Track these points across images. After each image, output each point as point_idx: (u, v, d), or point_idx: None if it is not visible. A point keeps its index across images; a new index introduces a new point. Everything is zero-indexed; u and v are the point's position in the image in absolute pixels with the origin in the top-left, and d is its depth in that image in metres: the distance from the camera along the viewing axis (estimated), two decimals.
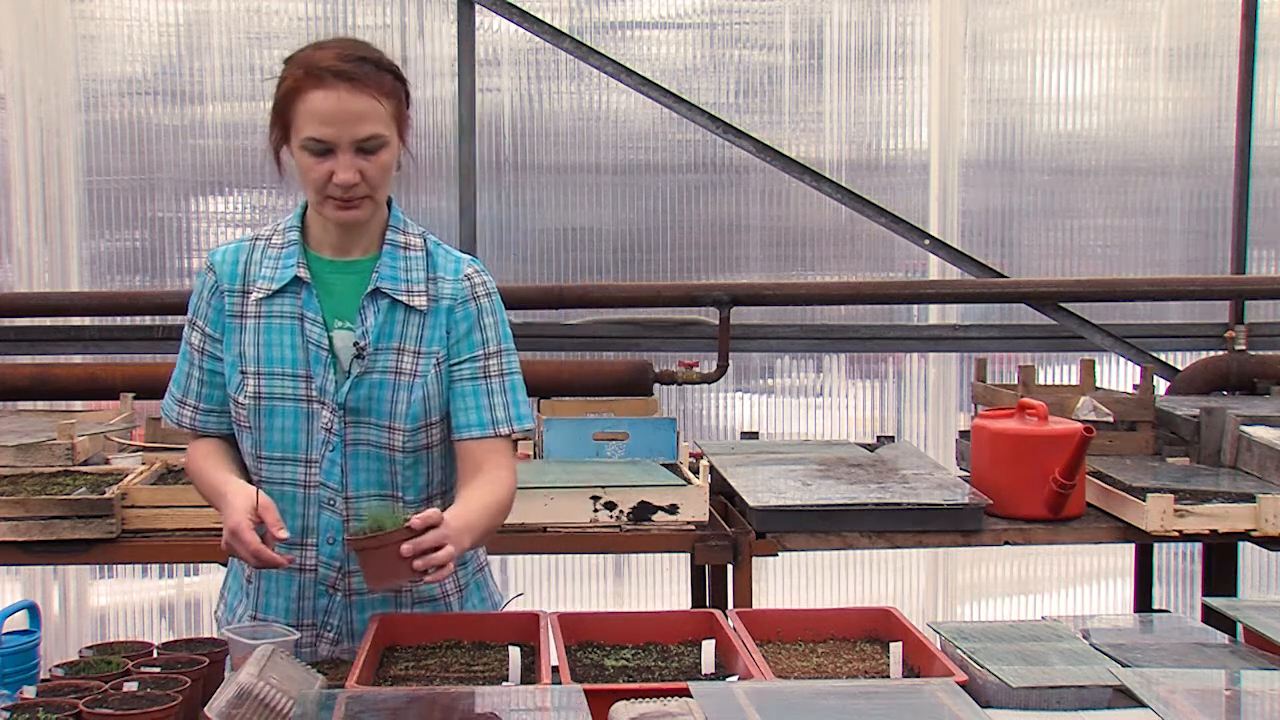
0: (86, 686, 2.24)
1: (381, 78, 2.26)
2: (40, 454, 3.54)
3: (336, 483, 2.35)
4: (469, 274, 2.39)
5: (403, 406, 2.34)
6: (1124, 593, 4.89)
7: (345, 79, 2.22)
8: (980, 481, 3.47)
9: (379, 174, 2.28)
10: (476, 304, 2.38)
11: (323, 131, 2.23)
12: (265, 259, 2.37)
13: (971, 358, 4.59)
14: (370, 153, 2.25)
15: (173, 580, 4.87)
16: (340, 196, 2.26)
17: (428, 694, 1.97)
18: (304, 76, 2.25)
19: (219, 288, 2.38)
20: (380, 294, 2.34)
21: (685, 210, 4.87)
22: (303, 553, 2.38)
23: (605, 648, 2.32)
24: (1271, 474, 3.53)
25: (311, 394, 2.33)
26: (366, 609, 2.41)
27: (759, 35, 4.87)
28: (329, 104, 2.22)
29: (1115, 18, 4.95)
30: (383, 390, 2.33)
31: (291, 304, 2.34)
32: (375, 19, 4.72)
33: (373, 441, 2.35)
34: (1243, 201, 4.88)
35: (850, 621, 2.38)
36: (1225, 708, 2.04)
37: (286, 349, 2.33)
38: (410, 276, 2.36)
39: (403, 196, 4.74)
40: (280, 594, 2.43)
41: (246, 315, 2.36)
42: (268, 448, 2.36)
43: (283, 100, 2.28)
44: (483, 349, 2.38)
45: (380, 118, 2.25)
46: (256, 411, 2.34)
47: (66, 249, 4.73)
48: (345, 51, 2.26)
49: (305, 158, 2.26)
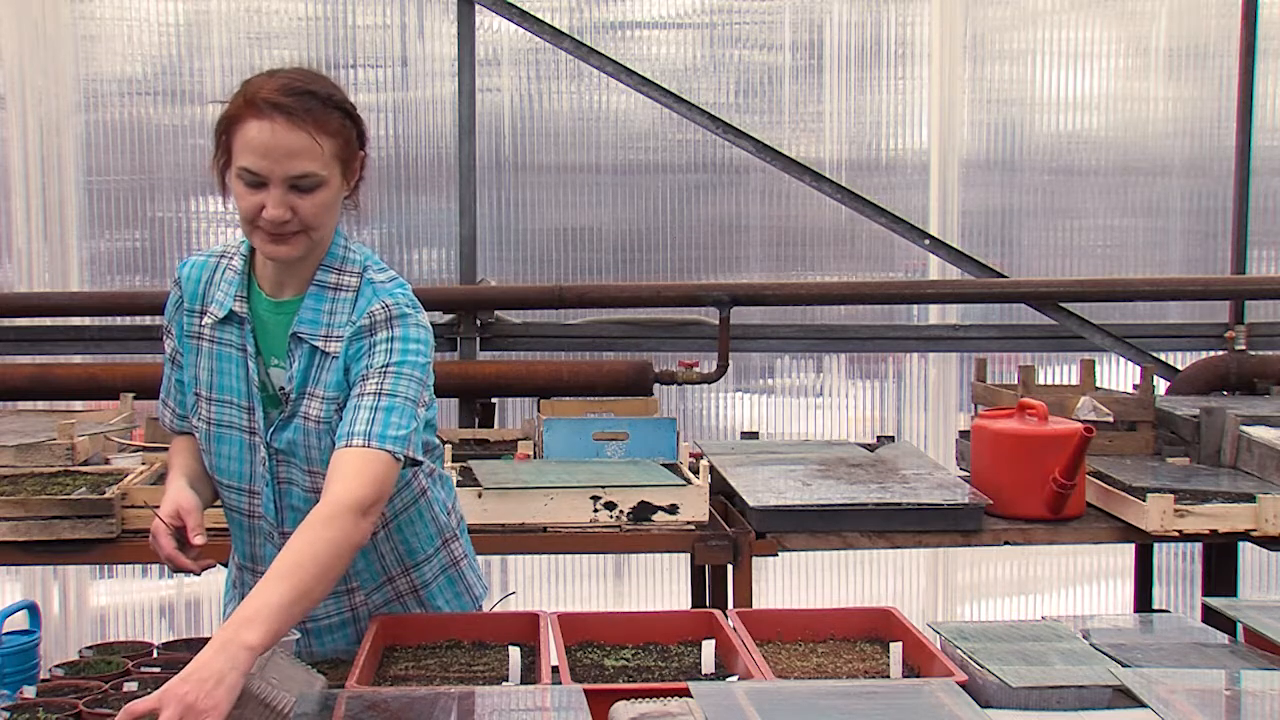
0: (86, 686, 2.24)
1: (326, 115, 2.17)
2: (40, 454, 3.54)
3: (273, 518, 2.36)
4: (373, 309, 2.25)
5: (316, 453, 2.28)
6: (1124, 593, 4.89)
7: (283, 112, 2.14)
8: (980, 481, 3.47)
9: (313, 212, 2.18)
10: (372, 335, 2.24)
11: (256, 164, 2.15)
12: (222, 281, 2.33)
13: (971, 358, 4.59)
14: (305, 190, 2.17)
15: (173, 580, 4.86)
16: (269, 230, 2.18)
17: (428, 694, 1.97)
18: (244, 105, 2.17)
19: (182, 304, 2.37)
20: (300, 339, 2.27)
21: (685, 210, 4.87)
22: (255, 578, 2.32)
23: (605, 648, 2.32)
24: (1271, 474, 3.52)
25: (254, 425, 2.31)
26: (325, 634, 2.43)
27: (759, 35, 4.86)
28: (263, 136, 2.14)
29: (1115, 18, 4.95)
30: (298, 435, 2.29)
31: (236, 334, 2.31)
32: (375, 19, 4.72)
33: (299, 483, 2.33)
34: (1243, 201, 4.88)
35: (850, 621, 2.38)
36: (1225, 708, 2.04)
37: (234, 379, 2.31)
38: (333, 320, 2.26)
39: (403, 196, 4.77)
40: None
41: (202, 338, 2.34)
42: (219, 473, 2.38)
43: (223, 125, 2.20)
44: (364, 372, 2.23)
45: (316, 156, 2.15)
46: (208, 436, 2.35)
47: (66, 249, 4.72)
48: (291, 84, 2.17)
49: (239, 187, 2.19)
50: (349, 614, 2.44)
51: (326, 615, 2.43)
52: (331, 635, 2.45)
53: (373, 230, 4.75)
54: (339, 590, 2.38)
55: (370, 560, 2.42)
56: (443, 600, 2.50)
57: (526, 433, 4.11)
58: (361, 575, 2.42)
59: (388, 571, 2.44)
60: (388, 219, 4.76)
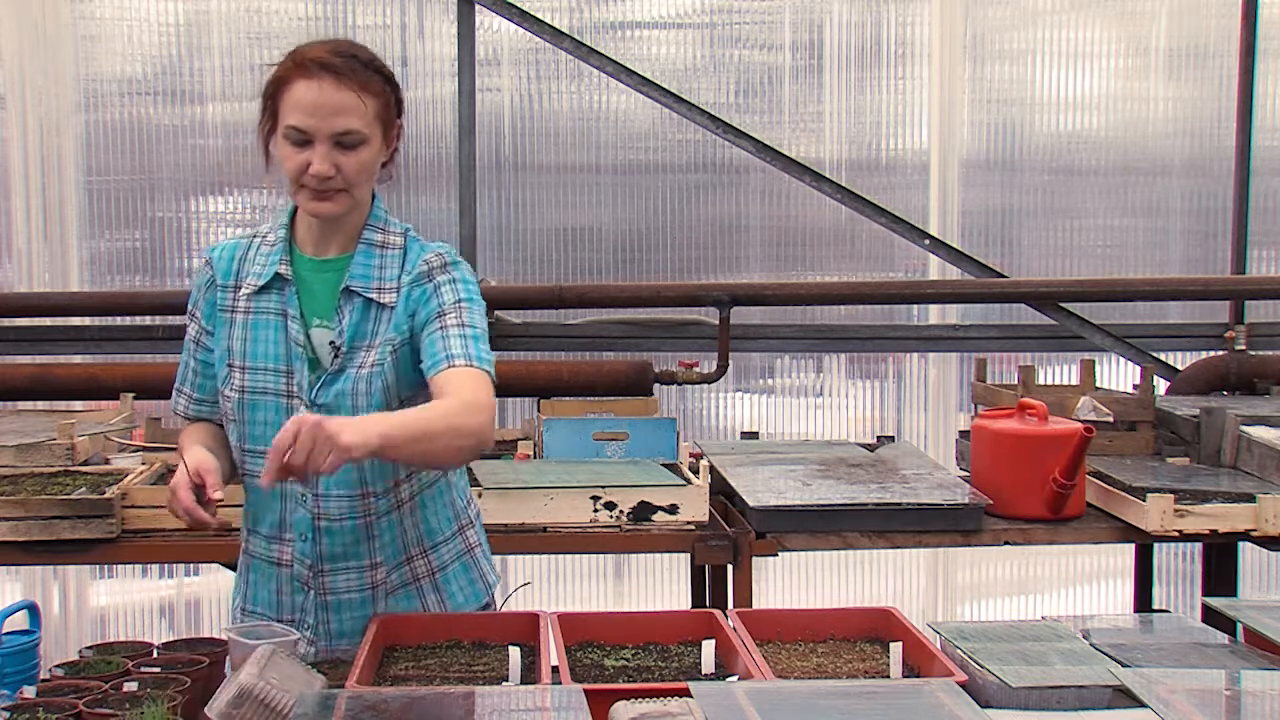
0: (86, 686, 2.24)
1: (369, 76, 2.30)
2: (40, 454, 3.54)
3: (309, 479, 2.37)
4: (427, 258, 2.40)
5: (364, 399, 2.35)
6: (1124, 593, 4.89)
7: (330, 72, 2.26)
8: (980, 481, 3.47)
9: (356, 170, 2.30)
10: (432, 281, 2.38)
11: (303, 121, 2.26)
12: (258, 255, 2.41)
13: (971, 358, 4.59)
14: (348, 148, 2.28)
15: (173, 580, 4.87)
16: (314, 187, 2.29)
17: (428, 694, 1.97)
18: (292, 66, 2.29)
19: (214, 282, 2.44)
20: (353, 293, 2.36)
21: (685, 210, 4.87)
22: (280, 547, 2.44)
23: (605, 648, 2.32)
24: (1271, 474, 3.52)
25: (292, 389, 2.37)
26: (343, 609, 2.45)
27: (759, 35, 4.86)
28: (311, 94, 2.26)
29: (1115, 18, 4.95)
30: (348, 385, 2.35)
31: (276, 301, 2.39)
32: (375, 19, 4.72)
33: None
34: (1243, 201, 4.88)
35: (850, 621, 2.38)
36: (1225, 708, 2.04)
37: (271, 344, 2.37)
38: (383, 274, 2.38)
39: (403, 196, 4.77)
40: (265, 586, 2.48)
41: (236, 310, 2.41)
42: (250, 441, 2.40)
43: (270, 89, 2.31)
44: (439, 309, 2.36)
45: (361, 114, 2.28)
46: (241, 405, 2.39)
47: (66, 249, 4.73)
48: (337, 48, 2.31)
49: (285, 147, 2.30)
50: (369, 591, 2.45)
51: (348, 589, 2.44)
52: (350, 611, 2.45)
53: None
54: (361, 564, 2.43)
55: (395, 534, 2.46)
56: (457, 586, 2.52)
57: (526, 433, 4.12)
58: (385, 550, 2.45)
59: (408, 550, 2.47)
60: None
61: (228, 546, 3.24)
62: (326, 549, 2.42)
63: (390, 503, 2.43)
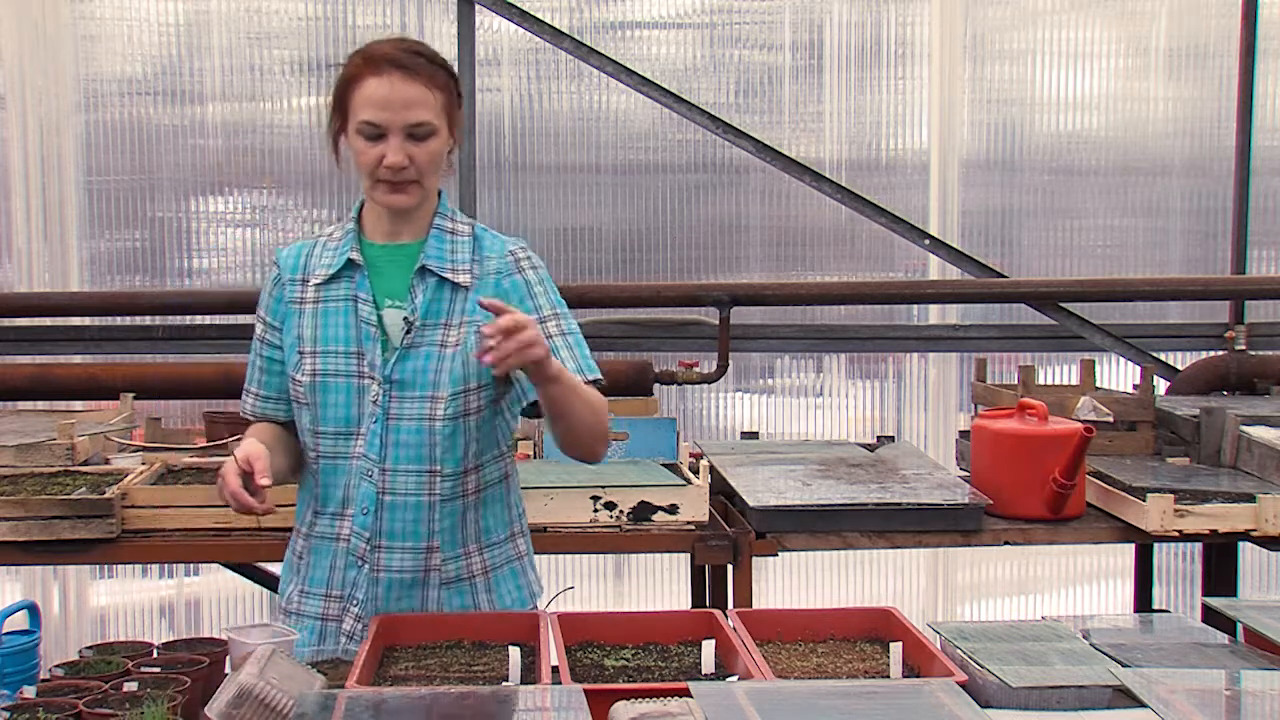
0: (86, 686, 2.24)
1: (434, 71, 2.41)
2: (40, 454, 3.54)
3: (376, 454, 2.44)
4: (513, 250, 2.52)
5: (445, 376, 2.43)
6: (1124, 593, 4.89)
7: (399, 67, 2.37)
8: (980, 481, 3.47)
9: (428, 160, 2.41)
10: (523, 275, 2.50)
11: (376, 116, 2.37)
12: (325, 251, 2.52)
13: (971, 358, 4.59)
14: (420, 139, 2.39)
15: (173, 580, 4.87)
16: (389, 180, 2.40)
17: (428, 694, 1.97)
18: (362, 64, 2.40)
19: (281, 279, 2.53)
20: (428, 272, 2.46)
21: (685, 210, 4.87)
22: (341, 523, 2.48)
23: (605, 648, 2.32)
24: (1271, 474, 3.52)
25: (363, 370, 2.44)
26: (394, 589, 2.47)
27: (759, 35, 4.87)
28: (383, 90, 2.36)
29: (1115, 18, 4.95)
30: (427, 362, 2.43)
31: (346, 287, 2.47)
32: (375, 19, 4.72)
33: (415, 414, 2.43)
34: (1243, 201, 4.88)
35: (850, 621, 2.38)
36: (1225, 708, 2.04)
37: (340, 329, 2.46)
38: (456, 257, 2.48)
39: None
40: (320, 565, 2.51)
41: (305, 301, 2.50)
42: (323, 423, 2.47)
43: (341, 88, 2.42)
44: (538, 314, 2.46)
45: (430, 106, 2.39)
46: (313, 388, 2.46)
47: (66, 249, 4.73)
48: (403, 44, 2.43)
49: (359, 142, 2.40)
50: (423, 574, 2.48)
51: (401, 568, 2.47)
52: (400, 591, 2.48)
53: None
54: (419, 545, 2.47)
55: (455, 523, 2.50)
56: (507, 589, 2.56)
57: (526, 433, 4.11)
58: (444, 535, 2.49)
59: (466, 544, 2.52)
60: None
61: (228, 546, 3.25)
62: (386, 525, 2.46)
63: (456, 489, 2.48)
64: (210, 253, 4.78)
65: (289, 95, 4.74)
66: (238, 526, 3.21)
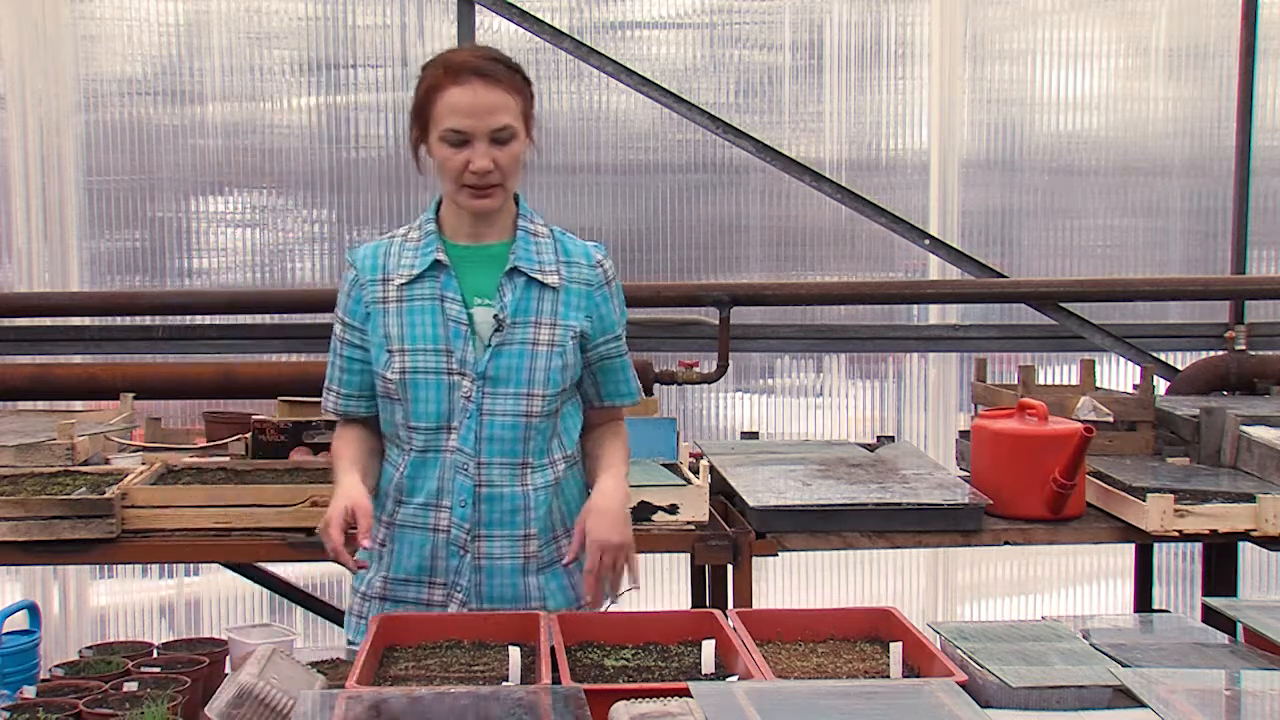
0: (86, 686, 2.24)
1: (512, 76, 2.50)
2: (40, 454, 3.54)
3: (470, 448, 2.52)
4: (600, 260, 2.62)
5: (541, 374, 2.53)
6: (1124, 593, 4.89)
7: (481, 75, 2.45)
8: (980, 481, 3.47)
9: (510, 163, 2.49)
10: (610, 287, 2.63)
11: (461, 123, 2.44)
12: (404, 251, 2.57)
13: (971, 358, 4.59)
14: (503, 143, 2.47)
15: (173, 580, 4.87)
16: (475, 184, 2.48)
17: (428, 694, 1.97)
18: (444, 75, 2.47)
19: (359, 280, 2.58)
20: (518, 272, 2.54)
21: (685, 210, 4.87)
22: (437, 514, 2.54)
23: (605, 648, 2.32)
24: (1271, 474, 3.52)
25: (452, 367, 2.51)
26: (495, 574, 2.56)
27: (759, 35, 4.87)
28: (467, 98, 2.44)
29: (1115, 18, 4.95)
30: (521, 360, 2.52)
31: (431, 287, 2.53)
32: (375, 19, 4.72)
33: (508, 410, 2.52)
34: (1243, 201, 4.88)
35: (850, 621, 2.38)
36: (1225, 708, 2.04)
37: (428, 327, 2.52)
38: (543, 258, 2.57)
39: (403, 196, 4.77)
40: (414, 554, 2.57)
41: (389, 300, 2.55)
42: (414, 418, 2.53)
43: (423, 98, 2.49)
44: (620, 328, 2.65)
45: (512, 111, 2.47)
46: (403, 385, 2.52)
47: (66, 249, 4.73)
48: (481, 52, 2.52)
49: (444, 149, 2.47)
50: (521, 560, 2.56)
51: (501, 555, 2.55)
52: (502, 578, 2.57)
53: (373, 230, 4.76)
54: (516, 533, 2.56)
55: (547, 510, 2.59)
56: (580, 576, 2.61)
57: None
58: (539, 523, 2.58)
59: (554, 529, 2.61)
60: (388, 219, 4.76)
61: (228, 546, 3.25)
62: (485, 515, 2.54)
63: (547, 478, 2.58)
64: (210, 253, 4.78)
65: (289, 95, 4.74)
66: (238, 526, 3.21)
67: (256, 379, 4.37)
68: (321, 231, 4.79)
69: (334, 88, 4.74)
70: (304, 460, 3.54)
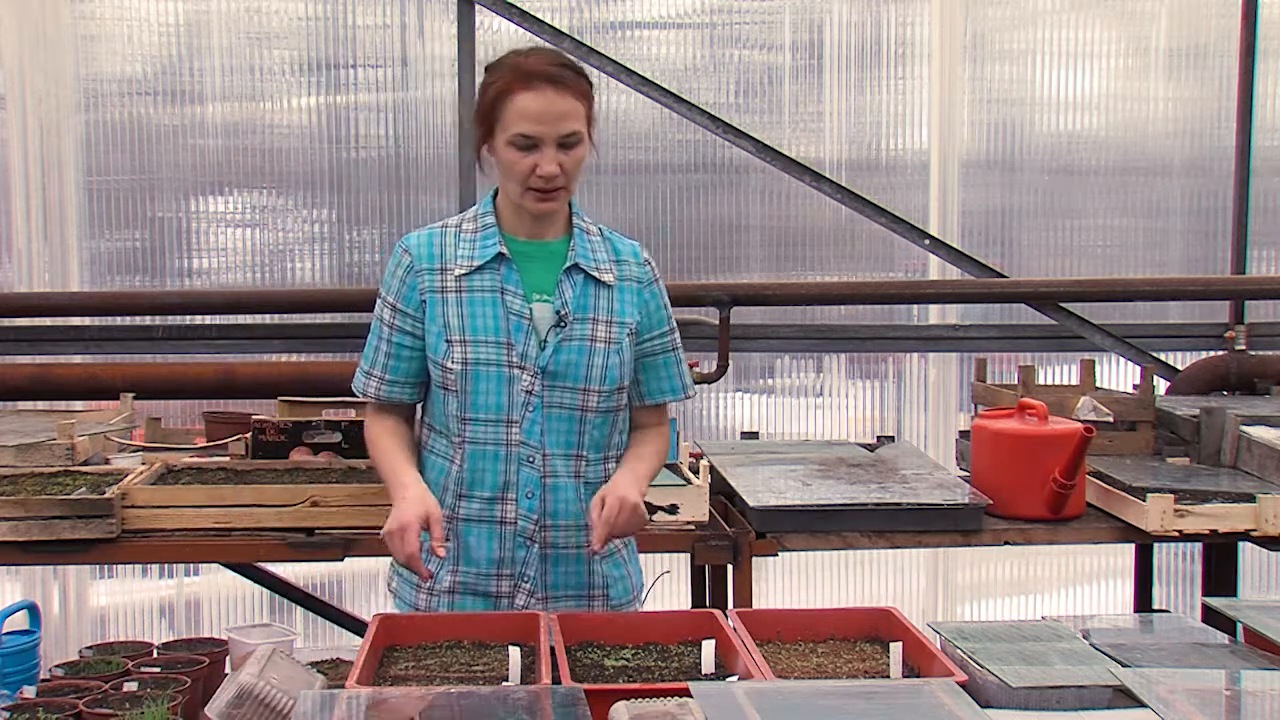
0: (86, 686, 2.24)
1: (580, 82, 2.53)
2: (40, 454, 3.54)
3: (536, 441, 2.56)
4: (647, 258, 2.68)
5: (599, 371, 2.57)
6: (1124, 593, 4.89)
7: (551, 81, 2.48)
8: (980, 481, 3.47)
9: (574, 167, 2.54)
10: (658, 285, 2.68)
11: (532, 129, 2.47)
12: (461, 241, 2.60)
13: (971, 358, 4.59)
14: (569, 147, 2.51)
15: (173, 580, 4.87)
16: (541, 188, 2.52)
17: (428, 694, 1.97)
18: (515, 79, 2.49)
19: (414, 267, 2.59)
20: (577, 269, 2.59)
21: (685, 210, 4.87)
22: (503, 507, 2.57)
23: (605, 648, 2.32)
24: (1271, 474, 3.52)
25: (513, 360, 2.54)
26: (561, 563, 2.60)
27: (759, 35, 4.87)
28: (538, 104, 2.47)
29: (1115, 18, 4.95)
30: (580, 356, 2.56)
31: (491, 279, 2.56)
32: (375, 19, 4.72)
33: (566, 404, 2.56)
34: (1243, 201, 4.88)
35: (850, 621, 2.38)
36: (1225, 708, 2.04)
37: (489, 319, 2.55)
38: (598, 256, 2.62)
39: (403, 196, 4.77)
40: (482, 547, 2.59)
41: (447, 290, 2.57)
42: (473, 409, 2.55)
43: (492, 101, 2.51)
44: (669, 324, 2.68)
45: (579, 117, 2.51)
46: (463, 376, 2.54)
47: (66, 249, 4.73)
48: (551, 58, 2.54)
49: (511, 153, 2.50)
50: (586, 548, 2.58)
51: (567, 545, 2.60)
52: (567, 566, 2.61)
53: (373, 230, 4.76)
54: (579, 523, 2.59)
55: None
56: (633, 560, 2.74)
57: None
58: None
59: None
60: (388, 219, 4.77)
61: (228, 546, 3.24)
62: (550, 505, 2.58)
63: (600, 473, 2.61)
64: (210, 253, 4.78)
65: (289, 95, 4.74)
66: (238, 526, 3.21)
67: (256, 379, 4.37)
68: (321, 231, 4.78)
69: (334, 88, 4.74)
70: (304, 460, 3.53)
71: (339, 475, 3.42)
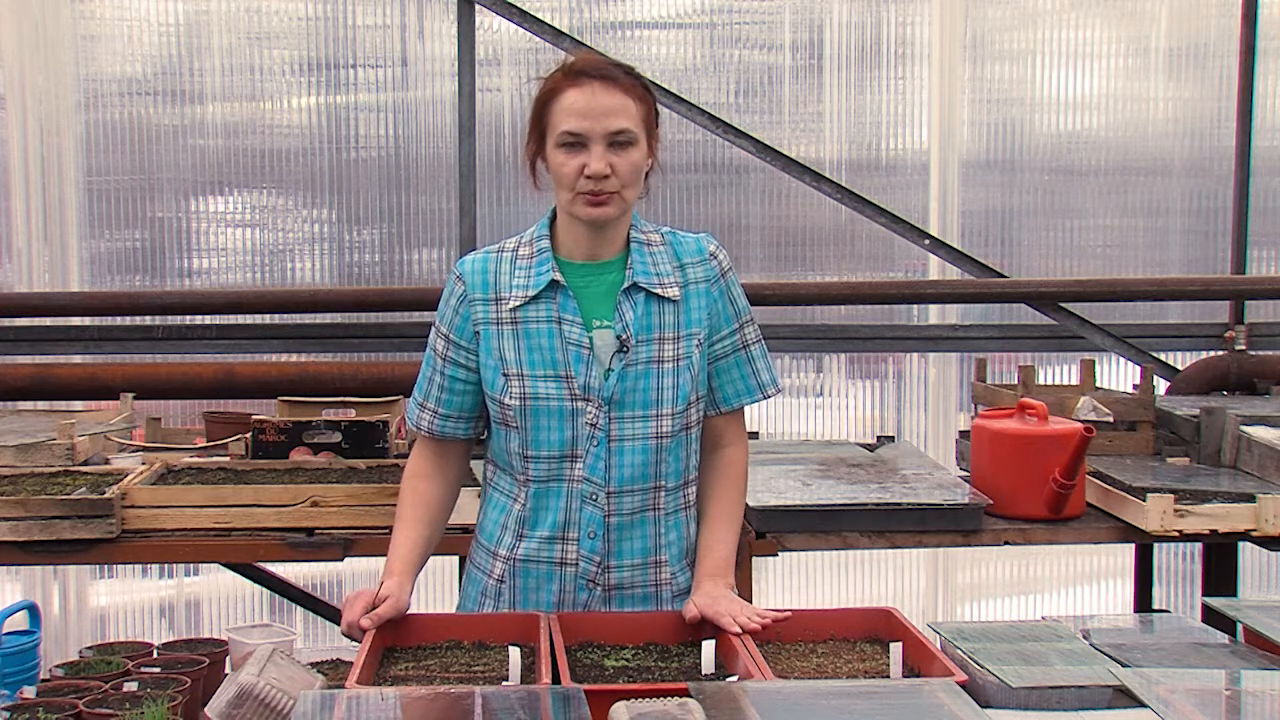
0: (86, 686, 2.24)
1: (633, 82, 2.39)
2: (40, 454, 3.54)
3: (600, 477, 2.42)
4: (713, 251, 2.51)
5: (669, 392, 2.43)
6: (1124, 593, 4.89)
7: (599, 77, 2.35)
8: (980, 481, 3.47)
9: (628, 170, 2.37)
10: (725, 279, 2.51)
11: (577, 125, 2.33)
12: (515, 269, 2.44)
13: (971, 358, 4.59)
14: (621, 147, 2.35)
15: (173, 580, 4.87)
16: (591, 190, 2.35)
17: (428, 694, 1.97)
18: (561, 78, 2.38)
19: (467, 296, 2.45)
20: (637, 288, 2.43)
21: (685, 210, 4.87)
22: (563, 547, 2.45)
23: (605, 648, 2.32)
24: (1271, 474, 3.52)
25: (575, 392, 2.40)
26: (625, 604, 2.48)
27: (759, 35, 4.87)
28: (583, 99, 2.34)
29: (1115, 18, 4.95)
30: (647, 380, 2.42)
31: (548, 309, 2.42)
32: (375, 19, 4.73)
33: (637, 433, 2.42)
34: (1243, 201, 4.88)
35: (850, 621, 2.38)
36: (1225, 708, 2.04)
37: (546, 351, 2.41)
38: (660, 269, 2.45)
39: (403, 196, 4.77)
40: (542, 589, 2.47)
41: (502, 322, 2.43)
42: (534, 446, 2.43)
43: (540, 104, 2.40)
44: (738, 320, 2.52)
45: (631, 115, 2.36)
46: (523, 412, 2.41)
47: (66, 249, 4.73)
48: (600, 58, 2.44)
49: (559, 155, 2.36)
50: (653, 588, 2.49)
51: (633, 584, 2.48)
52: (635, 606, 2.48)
53: (373, 230, 4.76)
54: (647, 560, 2.48)
55: (680, 533, 2.52)
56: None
57: None
58: (672, 548, 2.50)
59: (689, 554, 2.53)
60: (388, 219, 4.77)
61: (228, 546, 3.24)
62: (615, 545, 2.45)
63: (678, 501, 2.50)
64: (210, 253, 4.78)
65: (289, 95, 4.74)
66: (238, 526, 3.21)
67: (256, 379, 4.37)
68: (321, 231, 4.78)
69: (334, 88, 4.74)
70: (304, 460, 3.54)
71: (339, 475, 3.42)
